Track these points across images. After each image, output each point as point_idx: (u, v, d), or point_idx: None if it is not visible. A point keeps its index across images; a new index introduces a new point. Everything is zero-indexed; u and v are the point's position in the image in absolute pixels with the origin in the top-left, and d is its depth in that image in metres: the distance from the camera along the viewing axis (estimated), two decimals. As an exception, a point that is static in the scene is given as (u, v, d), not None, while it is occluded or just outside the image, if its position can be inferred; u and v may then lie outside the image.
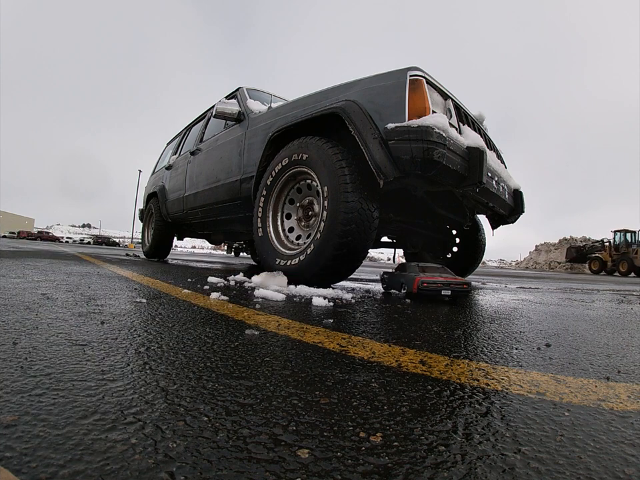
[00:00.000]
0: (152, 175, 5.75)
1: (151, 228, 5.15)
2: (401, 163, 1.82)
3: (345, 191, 1.92)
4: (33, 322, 0.91)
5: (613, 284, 6.13)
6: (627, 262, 18.89)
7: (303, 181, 2.40)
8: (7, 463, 0.36)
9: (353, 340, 0.94)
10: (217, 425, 0.46)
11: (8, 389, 0.52)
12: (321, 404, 0.54)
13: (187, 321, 1.05)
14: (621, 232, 20.61)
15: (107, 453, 0.38)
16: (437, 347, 0.93)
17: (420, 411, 0.54)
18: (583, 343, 1.07)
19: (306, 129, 2.38)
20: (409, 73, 1.93)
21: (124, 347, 0.76)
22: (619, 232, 20.69)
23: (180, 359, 0.71)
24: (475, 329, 1.21)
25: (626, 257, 19.13)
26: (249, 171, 2.82)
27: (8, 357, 0.65)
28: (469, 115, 2.48)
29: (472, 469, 0.40)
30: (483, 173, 1.95)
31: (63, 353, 0.70)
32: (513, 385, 0.67)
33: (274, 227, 2.45)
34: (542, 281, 5.72)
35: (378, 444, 0.44)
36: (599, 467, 0.41)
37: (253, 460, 0.39)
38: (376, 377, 0.67)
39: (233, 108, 3.11)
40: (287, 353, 0.80)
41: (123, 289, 1.65)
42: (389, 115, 1.90)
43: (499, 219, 3.09)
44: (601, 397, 0.63)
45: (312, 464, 0.39)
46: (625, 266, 18.91)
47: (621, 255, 19.69)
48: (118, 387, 0.56)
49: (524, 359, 0.86)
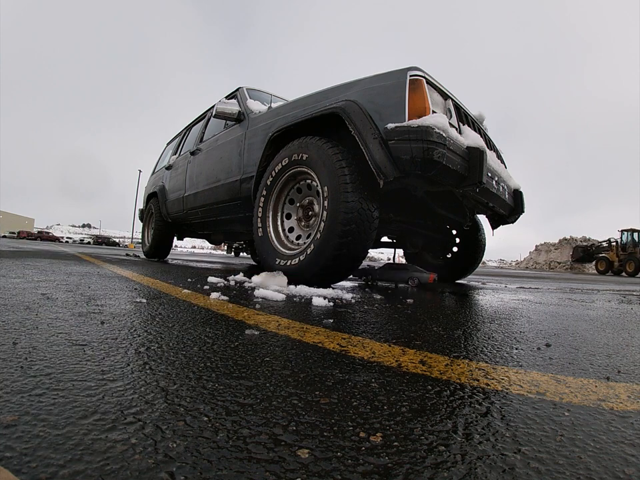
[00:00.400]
0: (152, 175, 5.75)
1: (151, 228, 5.15)
2: (401, 163, 1.82)
3: (345, 191, 1.92)
4: (32, 322, 0.91)
5: (613, 284, 6.13)
6: (634, 262, 18.52)
7: (303, 181, 2.40)
8: (6, 463, 0.36)
9: (353, 340, 0.94)
10: (216, 424, 0.46)
11: (8, 388, 0.52)
12: (320, 404, 0.54)
13: (187, 321, 1.05)
14: (628, 231, 20.16)
15: (107, 452, 0.38)
16: (437, 347, 0.93)
17: (420, 410, 0.54)
18: (582, 343, 1.07)
19: (306, 128, 2.38)
20: (408, 73, 1.93)
21: (124, 347, 0.76)
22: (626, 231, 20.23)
23: (180, 359, 0.71)
24: (475, 328, 1.21)
25: (633, 257, 18.76)
26: (249, 171, 2.82)
27: (8, 357, 0.65)
28: (469, 115, 2.48)
29: (472, 469, 0.40)
30: (483, 172, 1.95)
31: (64, 353, 0.70)
32: (512, 385, 0.67)
33: (274, 227, 2.45)
34: (542, 281, 5.72)
35: (378, 444, 0.44)
36: (599, 467, 0.41)
37: (252, 460, 0.39)
38: (376, 377, 0.67)
39: (233, 108, 3.11)
40: (287, 352, 0.80)
41: (123, 289, 1.65)
42: (389, 115, 1.90)
43: (499, 218, 3.09)
44: (601, 397, 0.63)
45: (312, 464, 0.39)
46: (632, 266, 18.54)
47: (628, 254, 19.30)
48: (118, 387, 0.56)
49: (524, 359, 0.86)
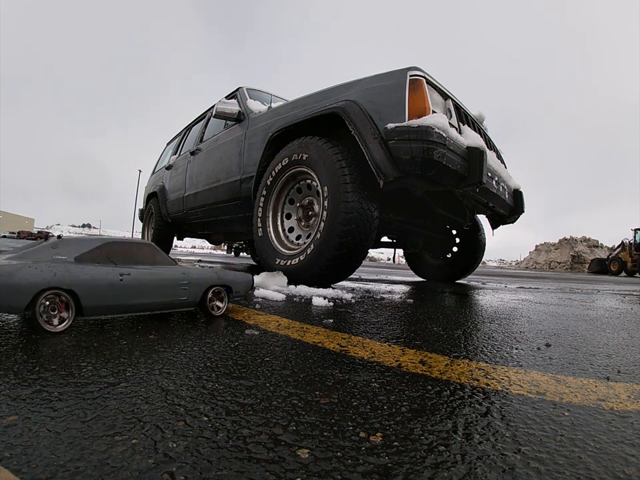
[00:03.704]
0: (152, 175, 5.75)
1: (151, 228, 5.15)
2: (401, 163, 1.82)
3: (344, 190, 1.92)
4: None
5: (613, 284, 6.13)
6: None
7: (303, 181, 2.40)
8: (7, 463, 0.36)
9: (353, 340, 0.94)
10: (217, 424, 0.46)
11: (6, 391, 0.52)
12: (320, 404, 0.54)
13: (187, 321, 1.05)
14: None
15: (107, 452, 0.38)
16: (437, 347, 0.93)
17: (420, 410, 0.54)
18: (582, 343, 1.07)
19: (306, 128, 2.38)
20: (408, 73, 1.93)
21: (124, 346, 0.76)
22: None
23: (180, 359, 0.71)
24: (475, 328, 1.21)
25: None
26: (248, 171, 2.82)
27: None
28: (469, 115, 2.47)
29: (472, 468, 0.40)
30: (483, 172, 1.95)
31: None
32: (513, 385, 0.67)
33: (274, 227, 2.45)
34: (542, 281, 5.72)
35: (378, 444, 0.44)
36: (599, 467, 0.41)
37: (252, 460, 0.39)
38: (376, 377, 0.67)
39: (233, 108, 3.11)
40: (286, 352, 0.80)
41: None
42: (389, 114, 1.90)
43: (499, 218, 3.09)
44: (601, 397, 0.63)
45: (312, 464, 0.39)
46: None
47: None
48: (118, 387, 0.56)
49: (524, 358, 0.85)
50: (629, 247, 20.24)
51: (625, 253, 20.30)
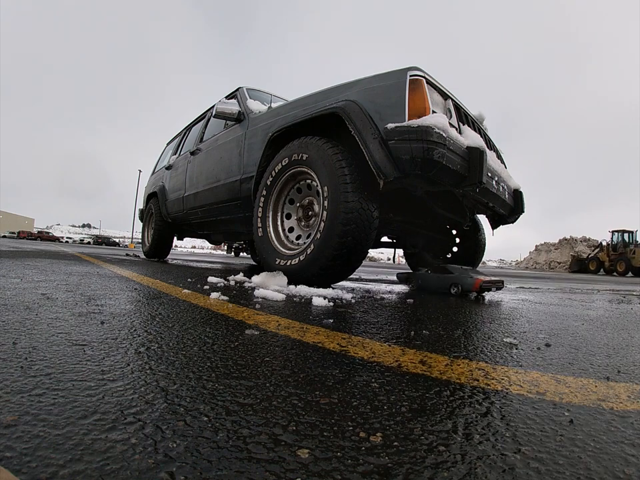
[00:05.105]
0: (152, 175, 5.75)
1: (151, 228, 5.15)
2: (401, 163, 1.82)
3: (344, 191, 1.92)
4: (32, 322, 0.91)
5: (613, 284, 6.13)
6: (624, 262, 19.14)
7: (303, 181, 2.40)
8: (7, 463, 0.36)
9: (353, 340, 0.94)
10: (217, 425, 0.46)
11: (8, 388, 0.52)
12: (320, 404, 0.54)
13: (187, 321, 1.05)
14: (619, 232, 20.90)
15: (107, 452, 0.38)
16: (437, 347, 0.93)
17: (420, 410, 0.54)
18: (582, 343, 1.07)
19: (306, 128, 2.38)
20: (408, 73, 1.93)
21: (124, 347, 0.76)
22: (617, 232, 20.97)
23: (180, 359, 0.71)
24: (475, 328, 1.21)
25: (623, 257, 19.37)
26: (248, 171, 2.82)
27: (8, 357, 0.65)
28: (469, 115, 2.47)
29: (472, 468, 0.40)
30: (483, 172, 1.95)
31: (64, 352, 0.70)
32: (512, 385, 0.67)
33: (274, 227, 2.45)
34: (542, 281, 5.72)
35: (378, 444, 0.44)
36: (599, 467, 0.41)
37: (252, 460, 0.39)
38: (376, 377, 0.67)
39: (233, 108, 3.11)
40: (286, 353, 0.80)
41: (123, 289, 1.65)
42: (389, 114, 1.90)
43: (499, 218, 3.09)
44: (601, 397, 0.63)
45: (312, 464, 0.39)
46: (623, 266, 19.15)
47: (619, 255, 19.91)
48: (118, 387, 0.56)
49: (524, 358, 0.86)
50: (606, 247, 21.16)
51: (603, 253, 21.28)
